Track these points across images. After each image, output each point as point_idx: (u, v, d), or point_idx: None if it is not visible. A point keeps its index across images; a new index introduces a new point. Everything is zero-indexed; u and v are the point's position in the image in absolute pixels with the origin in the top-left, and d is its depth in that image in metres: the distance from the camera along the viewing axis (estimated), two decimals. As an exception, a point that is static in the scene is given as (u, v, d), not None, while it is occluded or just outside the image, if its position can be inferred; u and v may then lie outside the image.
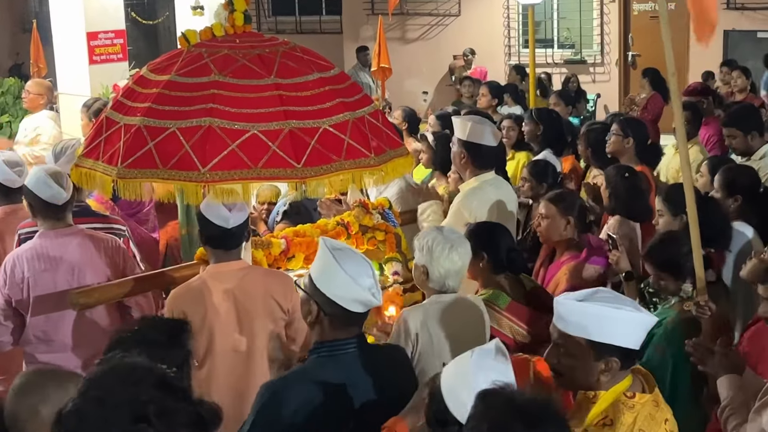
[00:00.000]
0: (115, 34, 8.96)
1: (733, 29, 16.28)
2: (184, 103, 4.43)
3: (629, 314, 3.33)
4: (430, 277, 4.57)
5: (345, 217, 5.84)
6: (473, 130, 6.12)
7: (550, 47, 18.02)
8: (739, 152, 7.43)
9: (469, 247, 4.65)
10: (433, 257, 4.53)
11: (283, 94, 4.50)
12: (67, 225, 5.39)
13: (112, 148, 4.49)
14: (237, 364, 4.68)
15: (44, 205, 5.29)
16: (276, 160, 4.36)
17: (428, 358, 4.44)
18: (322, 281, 3.70)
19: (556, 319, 3.45)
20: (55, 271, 5.27)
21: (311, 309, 3.74)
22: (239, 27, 4.78)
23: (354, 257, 3.77)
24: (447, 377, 3.28)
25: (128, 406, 2.30)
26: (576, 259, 5.63)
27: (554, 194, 5.89)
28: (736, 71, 11.73)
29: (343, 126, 4.57)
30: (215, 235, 4.72)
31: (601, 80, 17.54)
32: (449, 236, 4.60)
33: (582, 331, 3.35)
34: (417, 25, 18.60)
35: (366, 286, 3.68)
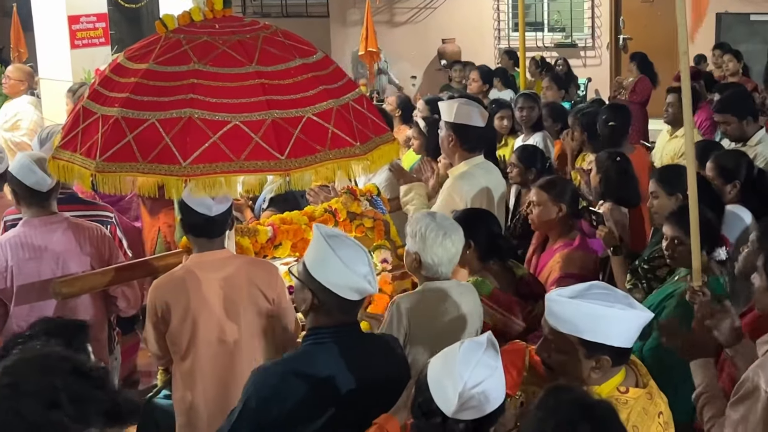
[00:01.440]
0: (97, 18, 8.83)
1: (726, 11, 16.18)
2: (163, 93, 4.32)
3: (622, 312, 3.25)
4: (422, 264, 4.52)
5: (333, 204, 5.78)
6: (460, 112, 6.04)
7: (540, 31, 17.89)
8: (734, 138, 7.32)
9: (462, 234, 4.60)
10: (427, 244, 4.48)
11: (266, 83, 4.39)
12: (51, 213, 5.33)
13: (90, 140, 4.38)
14: (221, 354, 4.61)
15: (28, 192, 5.21)
16: (259, 152, 4.26)
17: (420, 344, 4.41)
18: (317, 269, 3.64)
19: (548, 314, 3.38)
20: (39, 259, 5.21)
21: (305, 296, 3.68)
22: (218, 11, 4.65)
23: (349, 244, 3.72)
24: (434, 368, 3.25)
25: (41, 393, 2.27)
26: (569, 247, 5.58)
27: (545, 181, 5.81)
28: (727, 55, 11.66)
29: (327, 114, 4.47)
30: (198, 224, 4.64)
31: (592, 64, 17.42)
32: (443, 223, 4.55)
33: (573, 329, 3.28)
34: (405, 8, 18.45)
35: (362, 273, 3.63)
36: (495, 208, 5.99)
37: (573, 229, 5.65)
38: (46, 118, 8.97)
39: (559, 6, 17.99)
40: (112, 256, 5.39)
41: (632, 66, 12.50)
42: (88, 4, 8.79)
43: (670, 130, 8.26)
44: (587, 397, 2.82)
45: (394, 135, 4.91)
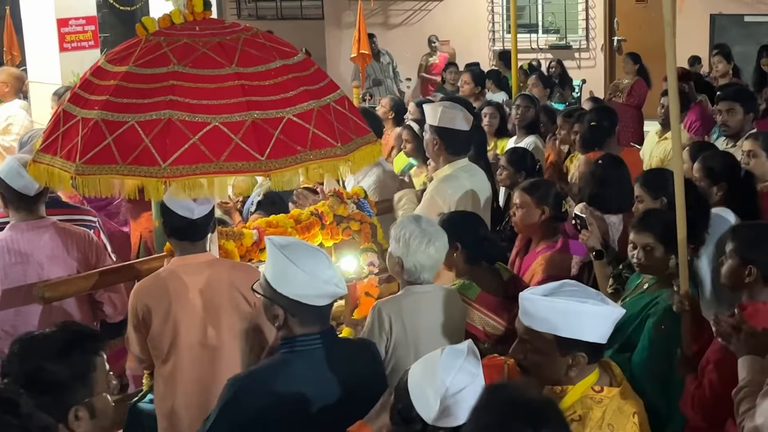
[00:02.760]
0: (86, 21, 8.80)
1: (720, 13, 16.18)
2: (143, 95, 4.31)
3: (596, 308, 3.28)
4: (405, 269, 4.51)
5: (319, 207, 5.76)
6: (444, 115, 6.04)
7: (535, 32, 17.88)
8: (731, 131, 7.29)
9: (446, 240, 4.59)
10: (410, 250, 4.47)
11: (245, 84, 4.38)
12: (39, 217, 5.31)
13: (70, 143, 4.37)
14: (203, 358, 4.59)
15: (16, 195, 5.20)
16: (239, 153, 4.24)
17: (403, 349, 4.40)
18: (282, 283, 3.61)
19: (522, 314, 3.40)
20: (25, 264, 5.19)
21: (276, 313, 3.65)
22: (199, 14, 4.64)
23: (307, 251, 3.69)
24: (414, 374, 3.23)
25: None
26: (552, 249, 5.57)
27: (528, 183, 5.81)
28: (716, 56, 11.65)
29: (308, 115, 4.45)
30: (180, 227, 4.63)
31: (586, 66, 17.41)
32: (427, 229, 4.53)
33: (548, 327, 3.30)
34: (400, 10, 18.45)
35: (327, 278, 3.61)
36: (480, 210, 5.97)
37: (556, 232, 5.64)
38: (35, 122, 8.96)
39: (553, 7, 17.99)
40: (99, 261, 5.37)
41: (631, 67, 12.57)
42: (77, 7, 8.76)
43: (659, 132, 8.25)
44: (523, 395, 2.80)
45: (375, 136, 4.87)
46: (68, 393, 3.10)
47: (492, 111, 8.73)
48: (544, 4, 18.01)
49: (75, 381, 3.11)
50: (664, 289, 4.63)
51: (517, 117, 8.58)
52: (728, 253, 4.30)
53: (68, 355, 3.12)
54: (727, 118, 7.28)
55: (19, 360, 3.15)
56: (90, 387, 3.14)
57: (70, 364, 3.11)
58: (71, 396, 3.10)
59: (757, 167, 6.21)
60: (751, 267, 4.17)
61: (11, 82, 9.76)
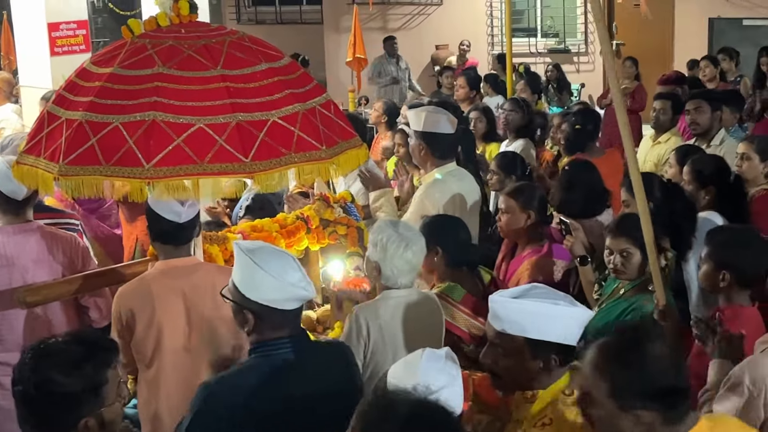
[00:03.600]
0: (77, 25, 8.76)
1: (719, 17, 16.20)
2: (128, 96, 4.29)
3: (566, 309, 3.28)
4: (382, 273, 4.50)
5: (305, 211, 5.74)
6: (428, 120, 6.04)
7: (534, 36, 17.91)
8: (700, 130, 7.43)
9: (423, 245, 4.58)
10: (387, 255, 4.46)
11: (230, 86, 4.36)
12: (26, 221, 5.27)
13: (54, 144, 4.35)
14: (187, 362, 4.58)
15: (4, 199, 5.18)
16: (223, 155, 4.22)
17: (381, 355, 4.40)
18: (249, 288, 3.60)
19: (492, 318, 3.38)
20: (10, 267, 5.15)
21: (246, 318, 3.63)
22: (185, 16, 4.63)
23: (274, 255, 3.67)
24: (394, 373, 3.24)
25: None
26: (538, 253, 5.57)
27: (513, 188, 5.80)
28: (704, 60, 11.66)
29: (293, 118, 4.44)
30: (167, 231, 4.63)
31: (585, 70, 17.44)
32: (404, 233, 4.52)
33: (519, 330, 3.28)
34: (399, 14, 18.45)
35: (294, 281, 3.59)
36: (468, 214, 5.97)
37: (542, 236, 5.63)
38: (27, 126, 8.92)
39: (552, 12, 18.02)
40: (85, 266, 5.34)
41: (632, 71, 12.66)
42: (68, 11, 8.72)
43: (653, 136, 8.23)
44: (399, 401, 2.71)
45: (361, 140, 4.86)
46: (79, 405, 3.07)
47: (478, 115, 8.71)
48: (543, 9, 18.04)
49: (86, 394, 3.08)
50: (641, 295, 4.63)
51: (504, 122, 8.54)
52: (704, 258, 4.30)
53: (81, 368, 3.08)
54: (695, 116, 7.35)
55: (30, 369, 3.10)
56: (101, 399, 3.11)
57: (83, 377, 3.07)
58: (81, 408, 3.07)
59: (750, 170, 6.21)
60: (725, 272, 4.17)
61: (3, 87, 9.75)
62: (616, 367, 2.90)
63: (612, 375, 2.89)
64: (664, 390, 2.86)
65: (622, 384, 2.87)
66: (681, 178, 6.01)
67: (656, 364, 2.87)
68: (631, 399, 2.87)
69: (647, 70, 12.86)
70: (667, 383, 2.86)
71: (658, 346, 2.90)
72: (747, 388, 3.59)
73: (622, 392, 2.87)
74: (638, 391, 2.86)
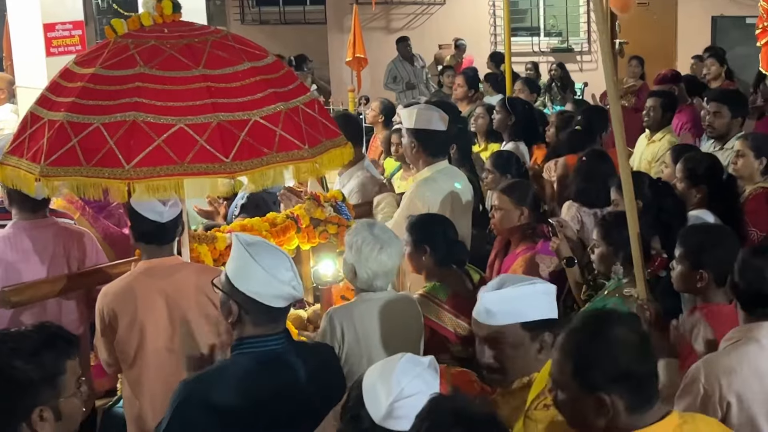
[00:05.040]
0: (73, 26, 8.73)
1: (722, 15, 16.13)
2: (109, 97, 4.29)
3: (543, 286, 3.46)
4: (357, 276, 4.49)
5: (296, 211, 5.73)
6: (420, 117, 6.01)
7: (537, 35, 17.84)
8: (717, 133, 7.24)
9: (400, 248, 4.58)
10: (362, 257, 4.44)
11: (212, 86, 4.36)
12: (42, 217, 5.29)
13: (36, 145, 4.36)
14: (169, 362, 4.56)
15: (21, 195, 5.13)
16: (204, 155, 4.22)
17: (355, 357, 4.38)
18: (240, 279, 3.58)
19: (481, 315, 3.43)
20: (26, 262, 5.16)
21: (231, 309, 3.62)
22: (168, 16, 4.63)
23: (270, 251, 3.67)
24: (371, 375, 3.22)
25: None
26: (531, 251, 5.56)
27: (507, 185, 5.79)
28: (710, 58, 11.57)
29: (275, 117, 4.43)
30: (149, 231, 4.63)
31: (588, 69, 17.34)
32: (380, 236, 4.50)
33: (513, 317, 3.37)
34: (402, 14, 18.41)
35: (285, 279, 3.58)
36: (459, 213, 5.95)
37: (535, 233, 5.61)
38: (24, 127, 8.93)
39: (555, 11, 17.95)
40: (98, 262, 5.35)
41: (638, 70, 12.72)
42: (63, 12, 8.69)
43: (648, 135, 8.20)
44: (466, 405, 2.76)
45: (346, 139, 4.84)
46: (35, 393, 3.07)
47: (482, 112, 8.69)
48: (546, 7, 17.97)
49: (43, 382, 3.08)
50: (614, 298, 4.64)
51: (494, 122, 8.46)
52: (678, 258, 4.27)
53: (39, 355, 3.10)
54: (713, 120, 7.23)
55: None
56: (58, 389, 3.11)
57: (41, 365, 3.08)
58: (37, 396, 3.07)
59: (745, 167, 6.17)
60: (702, 272, 4.15)
61: (6, 88, 9.78)
62: (581, 346, 2.87)
63: (576, 354, 2.86)
64: (627, 374, 2.81)
65: (584, 363, 2.83)
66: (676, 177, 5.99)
67: (620, 347, 2.83)
68: (593, 379, 2.82)
69: (650, 68, 12.80)
70: (631, 367, 2.81)
71: (625, 331, 2.87)
72: (702, 386, 3.62)
73: (585, 372, 2.82)
74: (600, 372, 2.81)
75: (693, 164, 5.88)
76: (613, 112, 4.16)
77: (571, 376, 2.85)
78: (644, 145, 8.17)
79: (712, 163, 5.98)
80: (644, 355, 2.86)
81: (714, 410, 3.58)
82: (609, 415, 2.81)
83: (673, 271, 4.33)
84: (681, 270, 4.25)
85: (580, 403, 2.86)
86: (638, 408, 2.83)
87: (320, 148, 4.57)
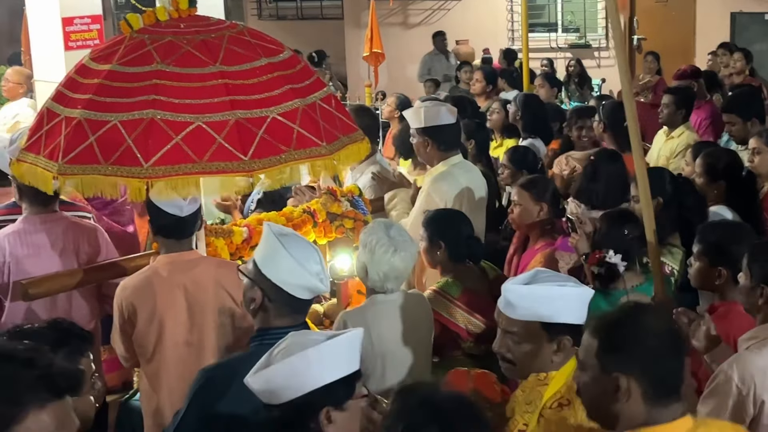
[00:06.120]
0: (91, 20, 8.75)
1: (741, 11, 16.06)
2: (126, 94, 4.28)
3: (574, 290, 3.39)
4: (369, 276, 4.48)
5: (312, 205, 5.73)
6: (428, 115, 5.99)
7: (554, 31, 17.81)
8: (739, 140, 7.23)
9: (414, 251, 4.57)
10: (374, 258, 4.44)
11: (229, 83, 4.34)
12: (52, 211, 5.31)
13: (53, 143, 4.35)
14: (188, 356, 4.58)
15: (32, 189, 5.14)
16: (222, 153, 4.20)
17: (369, 360, 4.32)
18: (268, 266, 3.60)
19: (504, 307, 3.44)
20: (37, 256, 5.19)
21: (255, 295, 3.64)
22: (184, 11, 4.60)
23: (301, 242, 3.69)
24: None
25: None
26: (550, 246, 5.53)
27: (526, 180, 5.76)
28: (737, 53, 11.50)
29: (293, 114, 4.41)
30: (168, 225, 4.64)
31: (606, 65, 17.27)
32: (395, 237, 4.49)
33: (533, 315, 3.36)
34: (419, 9, 18.40)
35: (314, 271, 3.60)
36: (475, 207, 5.93)
37: (554, 229, 5.57)
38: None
39: (572, 6, 17.91)
40: (109, 257, 5.35)
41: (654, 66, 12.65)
42: (82, 6, 8.71)
43: (666, 131, 8.16)
44: (435, 397, 2.77)
45: (363, 134, 4.83)
46: None
47: (497, 107, 8.67)
48: (564, 3, 17.93)
49: None
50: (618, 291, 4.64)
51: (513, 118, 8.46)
52: (696, 255, 4.24)
53: (54, 352, 3.10)
54: (730, 129, 7.32)
55: None
56: None
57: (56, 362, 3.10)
58: None
59: (762, 164, 6.15)
60: (721, 269, 4.12)
61: (25, 82, 9.82)
62: (609, 327, 2.87)
63: (603, 334, 2.85)
64: (648, 361, 2.79)
65: (609, 343, 2.82)
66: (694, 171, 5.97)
67: (647, 334, 2.81)
68: (614, 360, 2.80)
69: (669, 64, 12.75)
70: (654, 356, 2.79)
71: (656, 321, 2.86)
72: (736, 386, 3.56)
73: (608, 352, 2.81)
74: (622, 354, 2.80)
75: (712, 159, 5.88)
76: (627, 108, 4.14)
77: (594, 355, 2.84)
78: (662, 141, 8.14)
79: (731, 159, 5.98)
80: (670, 349, 2.83)
81: (747, 410, 3.54)
82: (624, 399, 2.78)
83: (690, 267, 4.30)
84: (699, 267, 4.23)
85: (598, 385, 2.84)
86: (655, 400, 2.79)
87: (338, 145, 4.55)
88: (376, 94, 13.33)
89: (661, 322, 2.88)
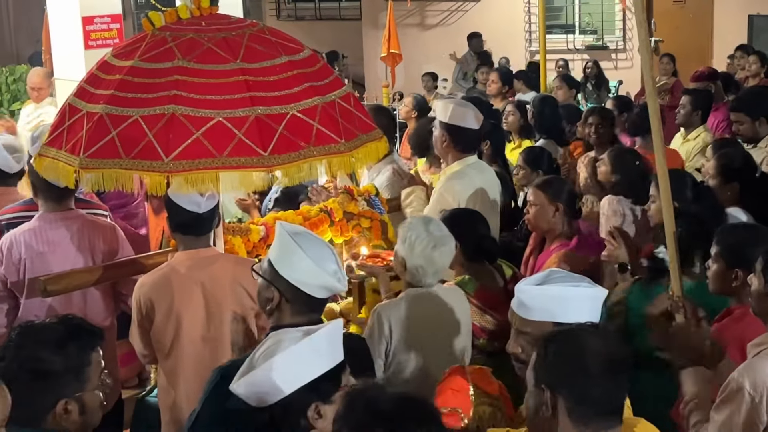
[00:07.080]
0: (111, 19, 8.81)
1: (758, 14, 16.04)
2: (147, 90, 4.33)
3: (588, 291, 3.37)
4: (407, 270, 4.50)
5: (329, 204, 5.75)
6: (455, 113, 6.01)
7: (572, 33, 17.80)
8: (746, 139, 7.22)
9: (453, 246, 4.57)
10: (414, 253, 4.46)
11: (250, 80, 4.39)
12: (68, 209, 5.32)
13: (75, 137, 4.41)
14: (205, 353, 4.61)
15: (47, 186, 5.19)
16: (242, 149, 4.26)
17: (404, 354, 4.41)
18: (285, 266, 3.59)
19: (517, 307, 3.43)
20: (52, 254, 5.19)
21: (271, 295, 3.64)
22: (205, 9, 4.66)
23: (316, 242, 3.68)
24: None
25: None
26: (566, 247, 5.49)
27: (542, 181, 5.75)
28: (753, 56, 11.48)
29: (312, 111, 4.46)
30: (186, 221, 4.66)
31: (623, 67, 17.29)
32: (434, 233, 4.51)
33: (547, 315, 3.33)
34: (437, 10, 18.43)
35: (331, 271, 3.59)
36: (489, 207, 5.94)
37: (570, 230, 5.57)
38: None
39: (590, 8, 17.91)
40: (124, 255, 5.37)
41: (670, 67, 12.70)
42: (102, 5, 8.78)
43: (683, 133, 8.17)
44: (380, 398, 2.73)
45: (381, 133, 4.87)
46: (60, 384, 3.12)
47: (512, 109, 8.68)
48: (581, 5, 17.92)
49: (68, 373, 3.13)
50: None
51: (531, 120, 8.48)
52: (714, 257, 4.23)
53: (65, 346, 3.15)
54: (738, 128, 7.26)
55: (15, 346, 3.17)
56: (83, 381, 3.16)
57: (66, 356, 3.13)
58: (63, 388, 3.12)
59: None
60: (738, 271, 4.11)
61: (47, 84, 9.87)
62: (548, 342, 2.91)
63: (540, 347, 2.90)
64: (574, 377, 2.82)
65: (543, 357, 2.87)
66: (708, 171, 5.97)
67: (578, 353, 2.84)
68: (543, 373, 2.87)
69: (686, 67, 12.74)
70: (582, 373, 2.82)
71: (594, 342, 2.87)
72: (748, 393, 3.48)
73: (540, 366, 2.87)
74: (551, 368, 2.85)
75: (726, 161, 5.87)
76: (651, 108, 4.13)
77: (532, 367, 2.91)
78: (679, 143, 8.14)
79: (745, 161, 5.97)
80: (605, 372, 2.83)
81: (761, 417, 3.48)
82: (548, 412, 2.82)
83: (708, 270, 4.29)
84: (716, 269, 4.20)
85: (533, 397, 2.90)
86: (586, 419, 2.82)
87: (356, 142, 4.60)
88: (393, 95, 13.38)
89: (601, 345, 2.87)
